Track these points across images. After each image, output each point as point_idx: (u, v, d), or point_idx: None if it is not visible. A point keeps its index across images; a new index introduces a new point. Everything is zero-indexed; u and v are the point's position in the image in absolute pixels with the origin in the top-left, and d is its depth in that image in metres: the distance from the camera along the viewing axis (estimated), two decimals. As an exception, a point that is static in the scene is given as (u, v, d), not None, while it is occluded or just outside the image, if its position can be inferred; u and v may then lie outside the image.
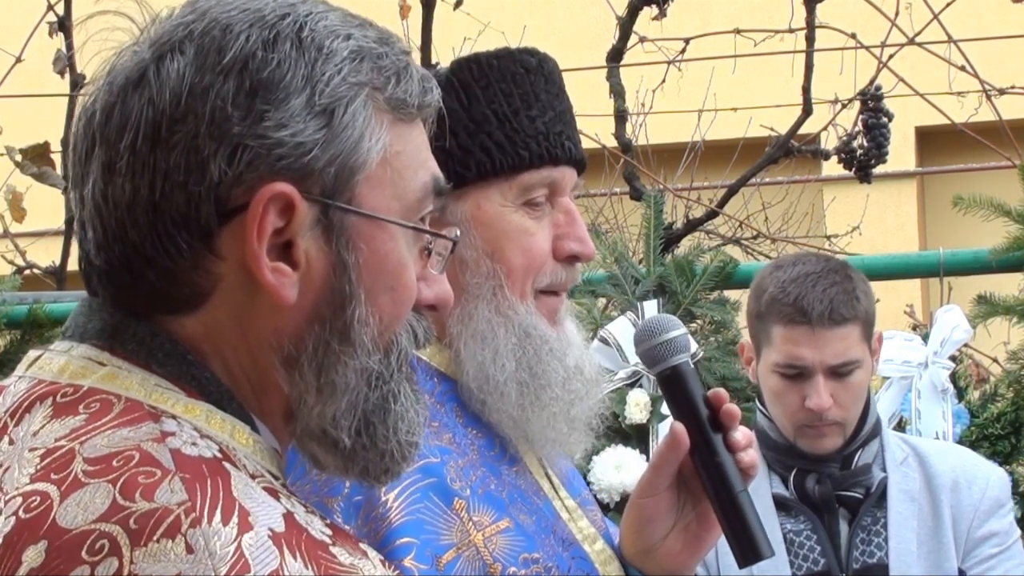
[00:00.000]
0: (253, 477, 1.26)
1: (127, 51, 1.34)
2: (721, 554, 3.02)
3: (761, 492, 3.05)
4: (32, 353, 1.37)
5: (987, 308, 4.04)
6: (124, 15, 1.35)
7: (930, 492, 3.06)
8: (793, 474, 3.06)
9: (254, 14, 1.32)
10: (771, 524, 3.01)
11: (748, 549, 1.94)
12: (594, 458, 3.80)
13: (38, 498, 1.20)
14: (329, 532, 1.27)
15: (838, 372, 2.98)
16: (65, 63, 5.39)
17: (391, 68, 1.36)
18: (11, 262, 6.39)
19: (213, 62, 1.29)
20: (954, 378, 4.02)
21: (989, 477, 3.10)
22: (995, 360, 4.81)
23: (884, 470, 3.07)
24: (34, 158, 4.89)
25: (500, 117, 1.98)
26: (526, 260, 1.97)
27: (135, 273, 1.31)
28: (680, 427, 1.95)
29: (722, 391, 1.98)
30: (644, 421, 3.88)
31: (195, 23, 1.31)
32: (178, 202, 1.29)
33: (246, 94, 1.29)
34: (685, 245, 4.99)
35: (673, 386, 2.00)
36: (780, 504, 3.06)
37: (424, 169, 1.39)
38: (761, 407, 3.12)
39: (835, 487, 3.04)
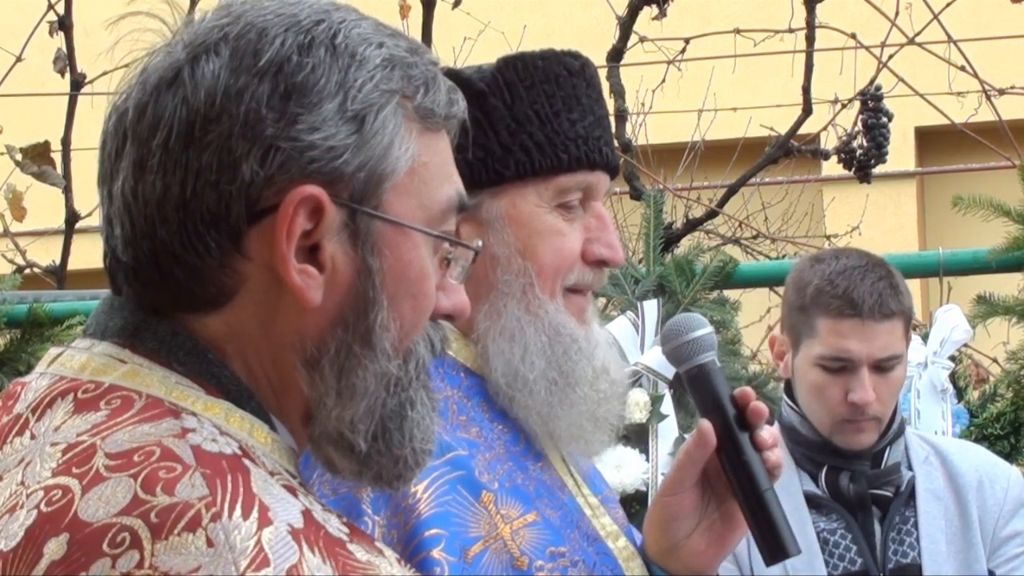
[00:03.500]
0: (272, 474, 1.28)
1: (160, 51, 1.35)
2: (754, 552, 3.02)
3: (791, 489, 3.03)
4: (53, 350, 1.38)
5: (987, 308, 4.04)
6: (156, 16, 1.37)
7: (955, 491, 3.05)
8: (824, 472, 3.05)
9: (289, 19, 1.34)
10: (803, 522, 3.01)
11: (775, 547, 1.95)
12: (594, 458, 3.80)
13: (60, 492, 1.22)
14: (346, 530, 1.29)
15: (882, 366, 2.98)
16: (65, 62, 5.39)
17: (421, 78, 1.38)
18: (11, 261, 6.40)
19: (248, 64, 1.31)
20: (954, 378, 4.02)
21: (1010, 476, 3.10)
22: (995, 360, 4.81)
23: (910, 468, 3.07)
24: (34, 157, 4.89)
25: (542, 118, 1.99)
26: (557, 260, 1.98)
27: (162, 270, 1.33)
28: (708, 425, 1.96)
29: (749, 390, 1.98)
30: (644, 421, 3.88)
31: (230, 26, 1.33)
32: (209, 201, 1.30)
33: (280, 97, 1.30)
34: (685, 245, 4.99)
35: (700, 385, 2.00)
36: (811, 502, 3.04)
37: (449, 183, 1.41)
38: (790, 402, 3.10)
39: (868, 485, 3.03)
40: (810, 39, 5.28)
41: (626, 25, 5.28)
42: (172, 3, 1.37)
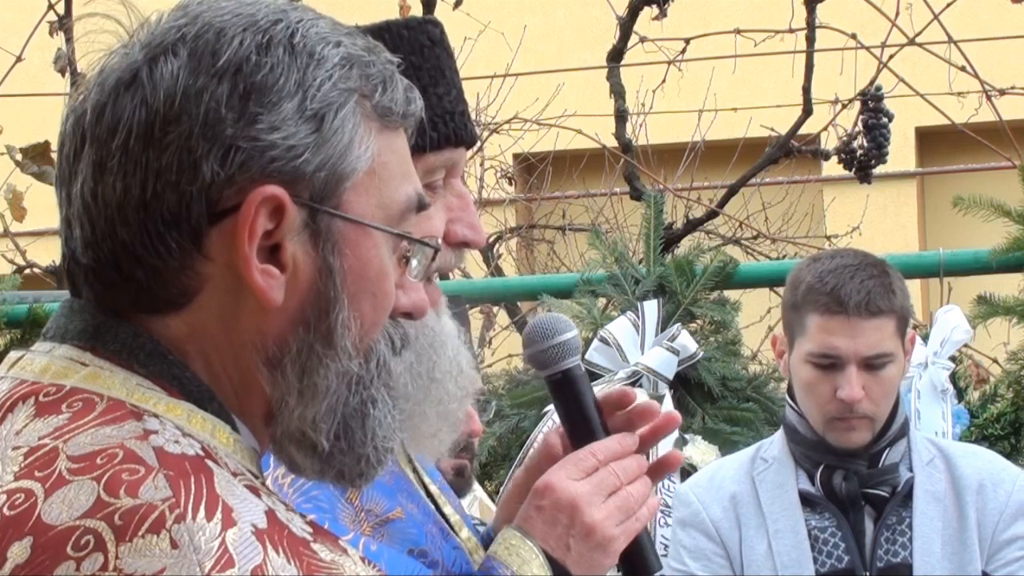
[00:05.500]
0: (235, 475, 1.28)
1: (116, 52, 1.36)
2: (745, 548, 3.05)
3: (787, 487, 3.08)
4: (13, 354, 1.38)
5: (987, 308, 4.05)
6: (111, 18, 1.37)
7: (955, 493, 3.06)
8: (820, 470, 3.07)
9: (247, 19, 1.34)
10: (796, 520, 3.06)
11: (641, 564, 1.87)
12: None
13: (22, 495, 1.22)
14: (310, 530, 1.29)
15: (871, 364, 2.99)
16: (65, 62, 5.39)
17: (378, 76, 1.38)
18: (11, 261, 6.41)
19: (207, 64, 1.31)
20: (954, 378, 4.03)
21: (1016, 480, 3.10)
22: (995, 360, 4.81)
23: (911, 470, 3.08)
24: (34, 157, 4.90)
25: None
26: None
27: (123, 272, 1.33)
28: (553, 439, 1.92)
29: (618, 393, 1.94)
30: (644, 421, 3.87)
31: (188, 26, 1.33)
32: (169, 202, 1.30)
33: (240, 96, 1.31)
34: (685, 245, 5.00)
35: (564, 390, 1.92)
36: (805, 500, 3.08)
37: (408, 182, 1.41)
38: (791, 402, 3.13)
39: (862, 484, 3.05)
40: (810, 39, 5.28)
41: (626, 25, 5.28)
42: (128, 3, 1.37)
